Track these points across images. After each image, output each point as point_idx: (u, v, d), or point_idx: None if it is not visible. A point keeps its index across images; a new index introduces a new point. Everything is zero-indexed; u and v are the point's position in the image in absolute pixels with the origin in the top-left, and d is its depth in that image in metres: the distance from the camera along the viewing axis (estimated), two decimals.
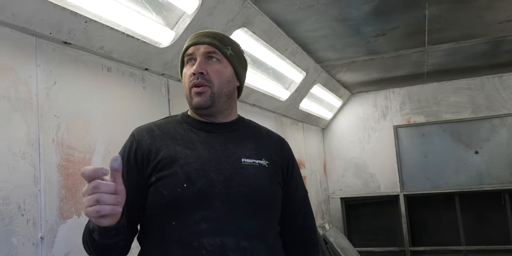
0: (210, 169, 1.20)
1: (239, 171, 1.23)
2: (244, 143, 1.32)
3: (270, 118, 3.92)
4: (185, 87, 1.29)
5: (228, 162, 1.23)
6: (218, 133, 1.30)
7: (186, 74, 1.29)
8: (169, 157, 1.21)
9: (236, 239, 1.15)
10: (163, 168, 1.20)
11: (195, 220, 1.15)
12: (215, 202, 1.16)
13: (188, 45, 1.30)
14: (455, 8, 2.84)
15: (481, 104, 5.04)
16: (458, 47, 3.74)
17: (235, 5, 2.39)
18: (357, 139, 5.52)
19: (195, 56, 1.28)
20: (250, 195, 1.21)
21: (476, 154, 5.03)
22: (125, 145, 1.28)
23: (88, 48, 1.80)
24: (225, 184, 1.19)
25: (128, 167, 1.21)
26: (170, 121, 1.34)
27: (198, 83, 1.25)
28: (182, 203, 1.16)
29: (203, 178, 1.18)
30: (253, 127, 1.42)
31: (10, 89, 1.49)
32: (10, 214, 1.44)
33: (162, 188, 1.18)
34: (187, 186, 1.16)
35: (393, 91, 5.39)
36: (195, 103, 1.27)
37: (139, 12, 2.00)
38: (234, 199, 1.19)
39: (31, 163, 1.54)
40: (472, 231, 5.20)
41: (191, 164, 1.20)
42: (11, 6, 1.43)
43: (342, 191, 5.53)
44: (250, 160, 1.27)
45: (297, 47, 3.36)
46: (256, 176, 1.25)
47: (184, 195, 1.16)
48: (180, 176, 1.18)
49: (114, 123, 1.96)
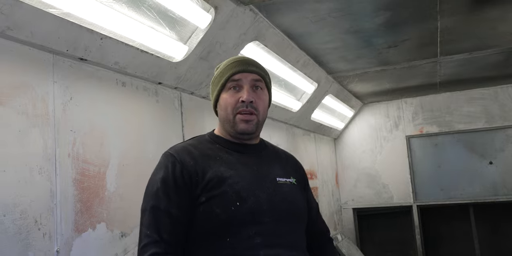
0: (255, 188, 1.28)
1: (277, 189, 1.33)
2: (273, 163, 1.43)
3: (282, 129, 3.93)
4: (228, 112, 1.34)
5: (267, 181, 1.33)
6: (250, 154, 1.39)
7: (231, 100, 1.33)
8: (216, 177, 1.26)
9: (287, 250, 1.27)
10: (212, 188, 1.24)
11: (249, 236, 1.22)
12: (264, 218, 1.25)
13: (235, 71, 1.35)
14: (467, 20, 2.84)
15: (495, 114, 4.99)
16: (471, 58, 3.73)
17: (247, 19, 2.42)
18: (369, 149, 5.50)
19: (242, 84, 1.35)
20: (290, 211, 1.32)
21: (491, 165, 4.97)
22: (165, 166, 1.28)
23: (103, 64, 1.84)
24: (269, 201, 1.28)
25: (177, 189, 1.25)
26: (202, 142, 1.39)
27: (248, 111, 1.32)
28: (237, 220, 1.23)
29: (252, 197, 1.26)
30: (272, 148, 1.53)
31: (28, 105, 1.52)
32: (27, 228, 1.47)
33: (215, 207, 1.22)
34: (240, 204, 1.23)
35: (406, 101, 5.37)
36: (242, 129, 1.33)
37: (153, 27, 2.04)
38: (278, 215, 1.28)
39: (47, 177, 1.56)
40: (487, 242, 5.13)
41: (238, 184, 1.27)
42: (30, 25, 1.46)
43: (354, 202, 5.50)
44: (283, 179, 1.39)
45: (308, 59, 3.38)
46: (291, 193, 1.37)
47: (238, 213, 1.22)
48: (231, 195, 1.24)
49: (128, 136, 1.99)
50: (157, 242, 1.19)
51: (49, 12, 1.50)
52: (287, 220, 1.31)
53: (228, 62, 1.40)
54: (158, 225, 1.21)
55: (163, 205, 1.23)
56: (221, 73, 1.38)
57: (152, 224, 1.22)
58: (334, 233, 4.94)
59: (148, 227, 1.22)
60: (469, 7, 2.62)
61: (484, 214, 5.18)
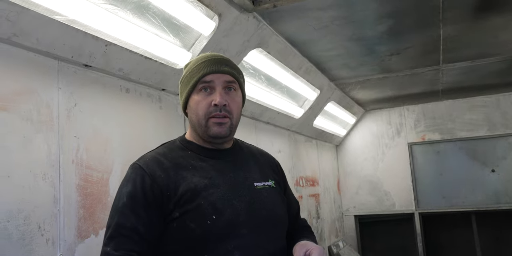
0: (232, 197, 1.22)
1: (255, 196, 1.26)
2: (249, 166, 1.35)
3: (284, 136, 3.94)
4: (199, 116, 1.26)
5: (244, 188, 1.26)
6: (224, 160, 1.32)
7: (203, 103, 1.25)
8: (189, 190, 1.19)
9: None
10: (186, 202, 1.17)
11: (228, 250, 1.16)
12: (242, 229, 1.19)
13: (206, 72, 1.26)
14: (470, 28, 2.85)
15: (497, 121, 4.99)
16: (473, 66, 3.74)
17: (251, 26, 2.43)
18: (371, 156, 5.50)
19: (214, 85, 1.26)
20: (270, 219, 1.26)
21: (493, 173, 4.97)
22: (133, 180, 1.20)
23: (107, 70, 1.85)
24: (247, 211, 1.22)
25: (145, 205, 1.17)
26: (172, 149, 1.30)
27: (222, 115, 1.24)
28: (213, 234, 1.16)
29: (229, 208, 1.19)
30: (246, 148, 1.44)
31: (33, 111, 1.53)
32: (31, 234, 1.47)
33: (189, 221, 1.15)
34: (216, 218, 1.16)
35: (408, 108, 5.38)
36: (215, 133, 1.25)
37: (157, 34, 2.05)
38: (257, 225, 1.22)
39: (51, 183, 1.57)
40: (489, 250, 5.11)
41: (213, 195, 1.19)
42: (36, 32, 1.47)
43: (356, 209, 5.49)
44: (261, 184, 1.31)
45: (311, 66, 3.39)
46: (271, 199, 1.30)
47: (215, 227, 1.16)
48: (206, 208, 1.17)
49: (131, 143, 2.00)
50: None
51: (55, 19, 1.51)
52: (267, 230, 1.24)
53: (198, 61, 1.30)
54: (122, 243, 1.14)
55: (129, 222, 1.15)
56: (191, 73, 1.28)
57: (116, 242, 1.14)
58: (336, 240, 4.92)
59: (109, 245, 1.14)
60: (471, 15, 2.64)
61: (486, 222, 5.16)
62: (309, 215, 4.24)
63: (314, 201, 4.49)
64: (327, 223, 4.83)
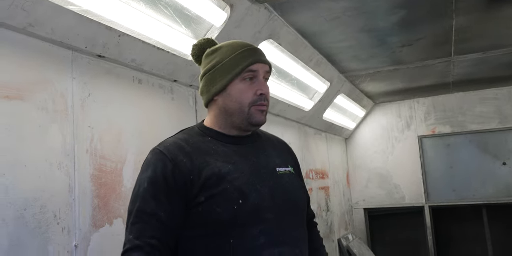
0: (256, 181, 1.22)
1: (278, 181, 1.27)
2: (269, 152, 1.36)
3: (294, 128, 3.93)
4: (242, 103, 1.26)
5: (267, 173, 1.27)
6: (245, 145, 1.32)
7: (248, 92, 1.26)
8: (214, 174, 1.18)
9: (290, 248, 1.21)
10: (211, 186, 1.17)
11: (254, 235, 1.16)
12: (267, 214, 1.19)
13: (253, 61, 1.27)
14: (483, 18, 2.82)
15: (509, 114, 4.95)
16: (485, 57, 3.70)
17: (262, 17, 2.42)
18: (380, 150, 5.48)
19: (257, 74, 1.28)
20: (292, 204, 1.28)
21: (504, 165, 4.93)
22: (154, 165, 1.20)
23: (120, 61, 1.85)
24: (271, 195, 1.22)
25: (167, 190, 1.17)
26: (192, 135, 1.30)
27: (265, 104, 1.28)
28: (240, 219, 1.16)
29: (254, 192, 1.19)
30: (263, 134, 1.45)
31: (48, 101, 1.54)
32: (47, 223, 1.49)
33: (215, 206, 1.15)
34: (243, 202, 1.16)
35: (418, 101, 5.34)
36: (257, 120, 1.28)
37: (169, 25, 2.05)
38: (281, 210, 1.23)
39: (66, 173, 1.58)
40: (500, 244, 5.08)
41: (238, 179, 1.19)
42: (51, 22, 1.48)
43: (365, 202, 5.48)
44: (282, 169, 1.32)
45: (321, 58, 3.37)
46: (292, 184, 1.31)
47: (241, 211, 1.16)
48: (233, 192, 1.17)
49: (144, 133, 2.01)
50: (139, 248, 1.12)
51: (69, 9, 1.51)
52: (290, 214, 1.25)
53: (237, 48, 1.29)
54: (143, 229, 1.14)
55: (149, 208, 1.15)
56: (233, 60, 1.27)
57: (137, 229, 1.14)
58: (345, 233, 4.93)
59: (131, 232, 1.15)
60: (485, 5, 2.61)
61: (498, 215, 5.14)
62: (318, 208, 4.25)
63: (324, 194, 4.49)
64: (337, 216, 4.83)
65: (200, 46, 1.38)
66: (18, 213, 1.39)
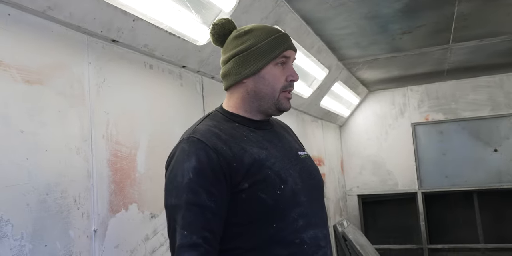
0: (288, 166, 1.24)
1: (303, 165, 1.30)
2: (286, 137, 1.38)
3: (292, 115, 3.95)
4: (274, 88, 1.27)
5: (293, 157, 1.29)
6: (267, 130, 1.34)
7: (281, 77, 1.28)
8: (255, 161, 1.18)
9: (321, 229, 1.25)
10: (254, 173, 1.17)
11: (293, 218, 1.19)
12: (301, 197, 1.22)
13: (288, 47, 1.29)
14: (484, 5, 2.84)
15: (501, 101, 5.03)
16: (481, 45, 3.74)
17: (269, 3, 2.42)
18: (374, 137, 5.53)
19: (289, 61, 1.31)
20: (317, 186, 1.32)
21: (495, 152, 5.03)
22: (196, 154, 1.15)
23: (133, 46, 1.84)
24: (300, 179, 1.25)
25: (215, 180, 1.14)
26: (220, 121, 1.28)
27: (291, 91, 1.32)
28: (283, 204, 1.18)
29: (289, 177, 1.22)
30: (275, 122, 1.45)
31: (66, 86, 1.53)
32: (68, 208, 1.49)
33: (260, 192, 1.16)
34: (284, 187, 1.18)
35: (411, 88, 5.39)
36: (285, 107, 1.30)
37: (180, 10, 2.04)
38: (310, 192, 1.26)
39: (84, 158, 1.58)
40: (490, 229, 5.20)
41: (275, 165, 1.21)
42: (69, 6, 1.46)
43: (359, 189, 5.55)
44: (303, 153, 1.36)
45: (322, 45, 3.38)
46: (314, 168, 1.35)
47: (283, 196, 1.18)
48: (274, 178, 1.18)
49: (155, 119, 2.00)
50: (196, 245, 1.09)
51: None
52: (317, 197, 1.30)
53: (273, 33, 1.28)
54: (197, 224, 1.11)
55: (201, 200, 1.12)
56: (270, 45, 1.26)
57: (190, 223, 1.10)
58: (340, 220, 4.99)
59: (184, 227, 1.10)
60: None
61: (488, 201, 5.25)
62: None
63: None
64: (332, 203, 4.89)
65: (221, 26, 1.34)
66: (41, 197, 1.39)
